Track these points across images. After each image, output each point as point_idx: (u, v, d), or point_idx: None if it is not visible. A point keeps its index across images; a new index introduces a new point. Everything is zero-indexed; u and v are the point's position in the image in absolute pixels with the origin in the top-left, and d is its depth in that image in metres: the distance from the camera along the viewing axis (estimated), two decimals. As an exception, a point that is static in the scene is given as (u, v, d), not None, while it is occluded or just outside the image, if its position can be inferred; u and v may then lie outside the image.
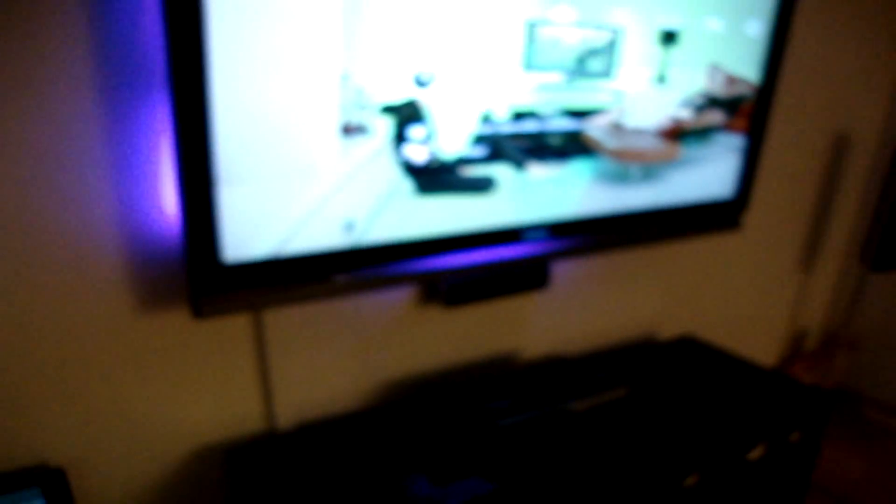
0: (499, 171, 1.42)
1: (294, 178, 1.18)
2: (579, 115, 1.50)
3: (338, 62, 1.16)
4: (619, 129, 1.56)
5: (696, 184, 1.78)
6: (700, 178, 1.78)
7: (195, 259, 1.12)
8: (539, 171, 1.48)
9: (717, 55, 1.66)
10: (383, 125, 1.25)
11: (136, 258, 1.21)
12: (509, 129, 1.41)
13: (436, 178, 1.35)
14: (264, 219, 1.17)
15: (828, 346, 2.77)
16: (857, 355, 2.78)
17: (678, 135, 1.68)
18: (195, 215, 1.10)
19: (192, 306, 1.16)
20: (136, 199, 1.18)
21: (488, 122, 1.37)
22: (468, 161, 1.38)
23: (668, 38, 1.55)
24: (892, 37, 2.43)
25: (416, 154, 1.31)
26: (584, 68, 1.46)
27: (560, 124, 1.47)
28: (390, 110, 1.25)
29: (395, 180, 1.31)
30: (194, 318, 1.20)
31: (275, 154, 1.15)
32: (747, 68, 1.74)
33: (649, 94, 1.58)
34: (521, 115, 1.42)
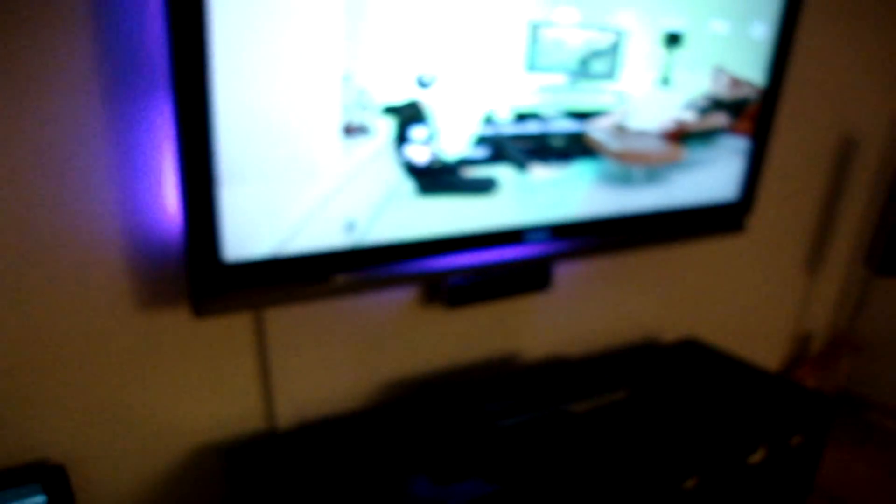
0: (501, 172, 1.42)
1: (295, 177, 1.19)
2: (582, 116, 1.49)
3: (340, 62, 1.16)
4: (622, 130, 1.56)
5: (699, 186, 1.77)
6: (704, 181, 1.78)
7: (196, 258, 1.12)
8: (541, 173, 1.48)
9: (722, 57, 1.66)
10: (385, 126, 1.25)
11: (137, 256, 1.21)
12: (512, 131, 1.41)
13: (437, 179, 1.35)
14: (265, 218, 1.17)
15: (832, 350, 2.75)
16: (862, 359, 2.77)
17: (682, 137, 1.67)
18: (196, 214, 1.10)
19: (193, 305, 1.17)
20: (138, 197, 1.18)
21: (490, 123, 1.37)
22: (470, 162, 1.38)
23: (673, 40, 1.55)
24: (900, 39, 2.42)
25: (418, 155, 1.31)
26: (588, 70, 1.46)
27: (563, 126, 1.47)
28: (392, 111, 1.25)
29: (396, 181, 1.31)
30: (195, 316, 1.20)
31: (276, 154, 1.15)
32: (752, 71, 1.73)
33: (653, 96, 1.58)
34: (524, 117, 1.41)
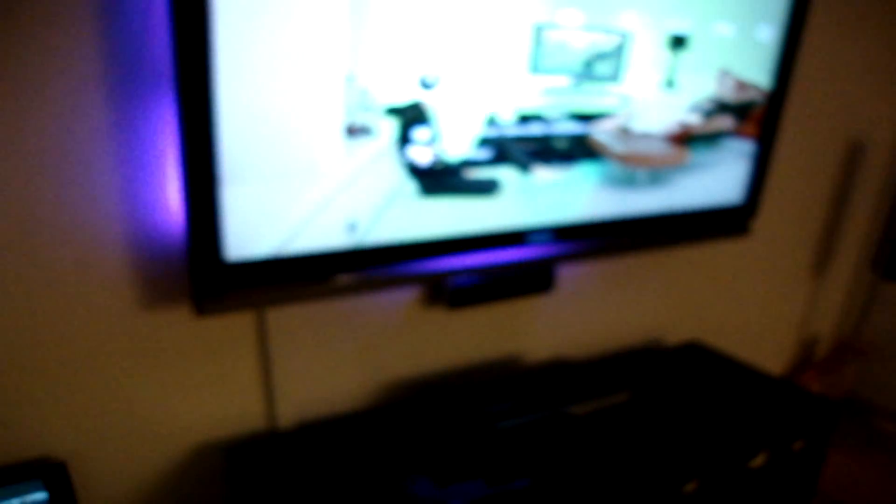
0: (504, 173, 1.42)
1: (297, 178, 1.19)
2: (586, 118, 1.49)
3: (343, 63, 1.17)
4: (626, 133, 1.56)
5: (704, 189, 1.77)
6: (708, 184, 1.77)
7: (198, 257, 1.13)
8: (544, 175, 1.47)
9: (728, 60, 1.65)
10: (387, 126, 1.26)
11: (140, 255, 1.22)
12: (515, 132, 1.41)
13: (440, 180, 1.35)
14: (267, 218, 1.18)
15: (838, 354, 2.74)
16: (868, 364, 2.75)
17: (686, 139, 1.67)
18: (199, 214, 1.11)
19: (195, 304, 1.18)
20: (141, 196, 1.19)
21: (494, 124, 1.37)
22: (473, 163, 1.38)
23: (678, 42, 1.55)
24: (909, 43, 2.40)
25: (421, 156, 1.31)
26: (592, 72, 1.46)
27: (566, 128, 1.47)
28: (395, 112, 1.25)
29: (398, 182, 1.31)
30: (197, 315, 1.21)
31: (279, 154, 1.16)
32: (758, 74, 1.73)
33: (657, 99, 1.58)
34: (527, 118, 1.41)
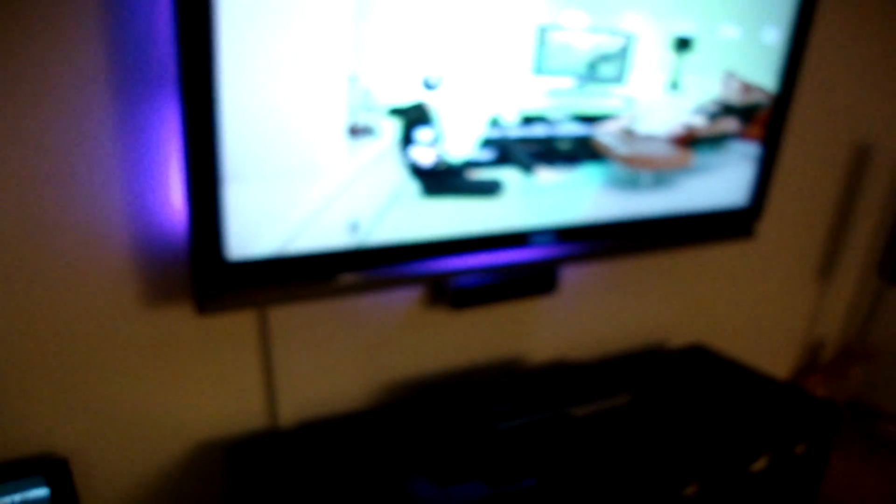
0: (507, 174, 1.42)
1: (300, 177, 1.19)
2: (589, 120, 1.49)
3: (346, 63, 1.17)
4: (630, 134, 1.55)
5: (708, 191, 1.76)
6: (713, 186, 1.76)
7: (200, 255, 1.13)
8: (547, 176, 1.47)
9: (733, 62, 1.65)
10: (390, 127, 1.26)
11: (142, 253, 1.22)
12: (518, 133, 1.41)
13: (442, 181, 1.35)
14: (269, 217, 1.18)
15: (843, 359, 2.73)
16: (873, 369, 2.74)
17: (691, 142, 1.66)
18: (201, 212, 1.11)
19: (197, 302, 1.18)
20: (145, 195, 1.19)
21: (497, 125, 1.37)
22: (475, 164, 1.38)
23: (683, 44, 1.54)
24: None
25: (423, 156, 1.31)
26: (596, 73, 1.46)
27: (570, 129, 1.47)
28: (398, 112, 1.26)
29: (401, 182, 1.31)
30: (199, 314, 1.21)
31: (281, 153, 1.16)
32: (763, 76, 1.72)
33: (662, 101, 1.57)
34: (531, 120, 1.41)
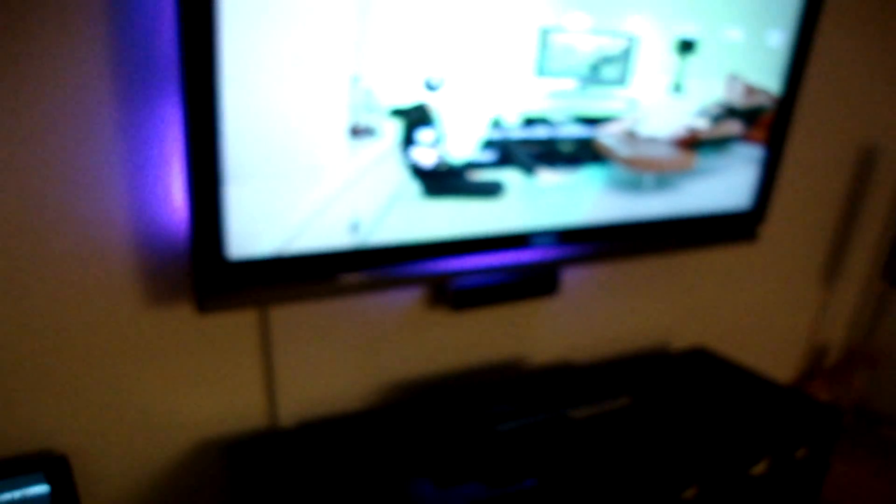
0: (508, 176, 1.42)
1: (301, 177, 1.20)
2: (592, 122, 1.49)
3: (348, 64, 1.17)
4: (632, 136, 1.55)
5: (711, 194, 1.76)
6: (716, 188, 1.76)
7: (201, 254, 1.14)
8: (549, 178, 1.47)
9: (737, 65, 1.64)
10: (392, 128, 1.26)
11: (143, 252, 1.23)
12: (520, 135, 1.41)
13: (443, 182, 1.36)
14: (270, 217, 1.19)
15: (847, 363, 2.72)
16: (877, 373, 2.73)
17: (694, 144, 1.66)
18: (202, 211, 1.12)
19: (197, 301, 1.18)
20: (147, 194, 1.20)
21: (498, 127, 1.37)
22: (477, 165, 1.38)
23: (686, 46, 1.54)
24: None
25: (425, 157, 1.32)
26: (598, 75, 1.45)
27: (572, 131, 1.47)
28: (399, 113, 1.26)
29: (402, 183, 1.31)
30: (199, 312, 1.22)
31: (282, 153, 1.16)
32: (767, 79, 1.72)
33: (665, 103, 1.57)
34: (533, 121, 1.41)
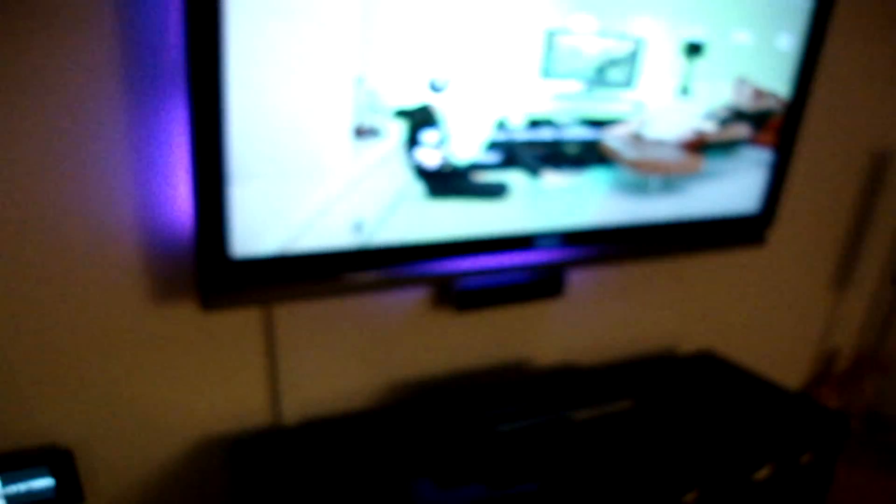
0: (512, 177, 1.42)
1: (305, 177, 1.21)
2: (598, 124, 1.49)
3: (353, 65, 1.18)
4: (638, 139, 1.55)
5: (719, 197, 1.75)
6: (724, 192, 1.75)
7: (205, 252, 1.15)
8: (554, 179, 1.47)
9: (745, 68, 1.63)
10: (396, 128, 1.27)
11: (149, 249, 1.24)
12: (525, 137, 1.41)
13: (447, 183, 1.36)
14: (274, 216, 1.19)
15: (856, 369, 2.69)
16: (888, 379, 2.70)
17: (701, 147, 1.65)
18: (207, 210, 1.13)
19: (201, 299, 1.20)
20: (152, 192, 1.21)
21: (503, 128, 1.38)
22: (481, 167, 1.38)
23: (693, 49, 1.54)
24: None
25: (429, 158, 1.32)
26: (604, 78, 1.45)
27: (577, 133, 1.47)
28: (404, 114, 1.27)
29: (406, 183, 1.32)
30: (203, 310, 1.23)
31: (287, 153, 1.17)
32: (776, 82, 1.71)
33: (672, 106, 1.57)
34: (538, 123, 1.41)
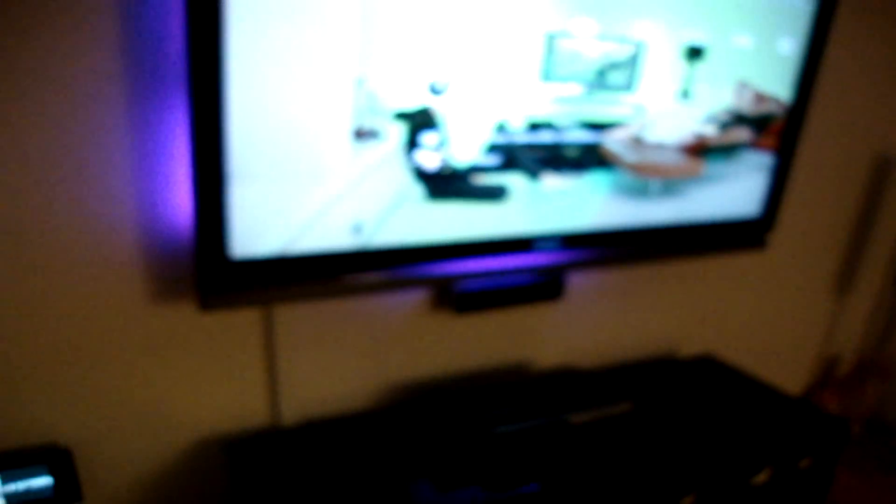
0: (512, 180, 1.43)
1: (305, 178, 1.21)
2: (598, 127, 1.49)
3: (353, 67, 1.18)
4: (639, 142, 1.55)
5: (719, 201, 1.75)
6: (724, 196, 1.75)
7: (204, 253, 1.16)
8: (554, 182, 1.48)
9: (746, 72, 1.64)
10: (396, 131, 1.27)
11: (148, 249, 1.24)
12: (524, 140, 1.41)
13: (447, 185, 1.36)
14: (273, 217, 1.20)
15: (858, 374, 2.68)
16: (890, 385, 2.69)
17: (702, 151, 1.65)
18: (207, 211, 1.13)
19: (200, 299, 1.20)
20: (152, 192, 1.21)
21: (503, 131, 1.38)
22: (481, 169, 1.39)
23: (694, 53, 1.54)
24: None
25: (428, 160, 1.32)
26: (605, 81, 1.46)
27: (577, 136, 1.47)
28: (403, 116, 1.27)
29: (405, 185, 1.32)
30: (202, 310, 1.23)
31: (287, 155, 1.18)
32: (778, 86, 1.71)
33: (672, 109, 1.57)
34: (538, 126, 1.42)
